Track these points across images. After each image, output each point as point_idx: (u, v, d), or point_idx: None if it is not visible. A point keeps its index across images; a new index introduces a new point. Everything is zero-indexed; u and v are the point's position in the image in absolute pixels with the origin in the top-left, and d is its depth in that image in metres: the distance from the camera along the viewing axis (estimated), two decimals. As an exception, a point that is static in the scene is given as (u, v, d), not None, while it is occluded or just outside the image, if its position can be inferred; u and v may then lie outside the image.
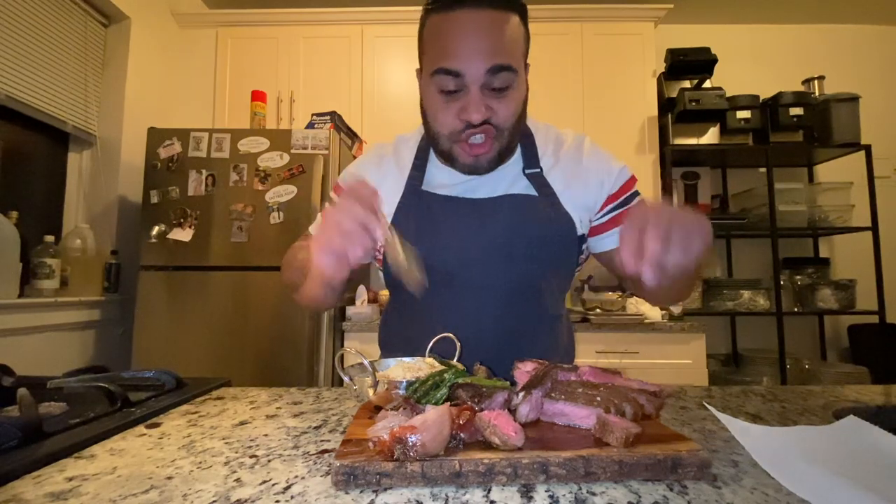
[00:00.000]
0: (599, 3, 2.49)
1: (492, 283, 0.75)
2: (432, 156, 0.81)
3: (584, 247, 0.83)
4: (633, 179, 0.83)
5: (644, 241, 0.47)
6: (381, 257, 0.85)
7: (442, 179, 0.80)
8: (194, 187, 1.90)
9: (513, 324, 0.77)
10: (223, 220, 1.88)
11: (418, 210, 0.79)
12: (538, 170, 0.79)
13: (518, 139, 0.77)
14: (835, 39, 2.91)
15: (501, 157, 0.74)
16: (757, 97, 2.49)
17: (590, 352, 2.05)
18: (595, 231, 0.82)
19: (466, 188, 0.78)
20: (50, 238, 1.76)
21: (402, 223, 0.80)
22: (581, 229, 0.80)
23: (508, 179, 0.79)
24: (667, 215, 0.48)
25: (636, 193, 0.82)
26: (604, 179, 0.79)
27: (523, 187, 0.79)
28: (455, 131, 0.70)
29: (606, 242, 0.81)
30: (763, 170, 2.54)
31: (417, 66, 0.76)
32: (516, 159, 0.80)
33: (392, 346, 0.86)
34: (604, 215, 0.80)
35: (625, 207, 0.79)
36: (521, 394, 0.48)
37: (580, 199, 0.79)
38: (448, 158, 0.75)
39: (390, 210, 0.81)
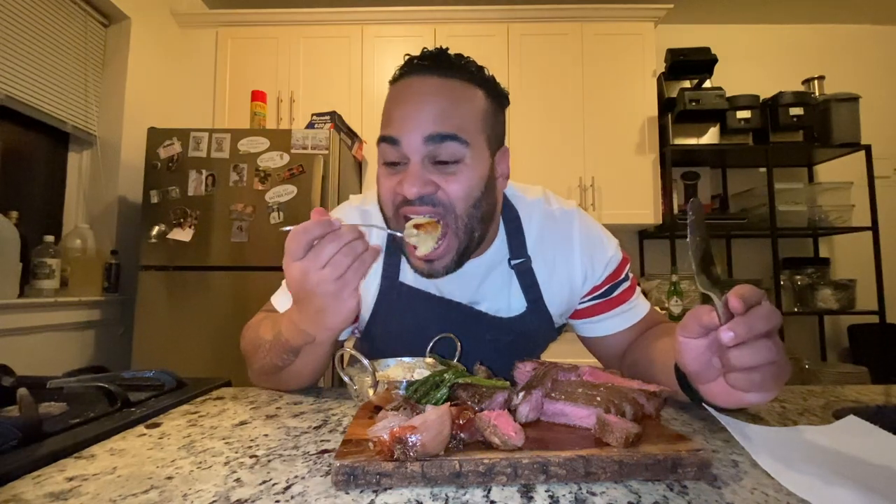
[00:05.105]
0: (599, 3, 2.49)
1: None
2: None
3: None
4: (623, 264, 0.76)
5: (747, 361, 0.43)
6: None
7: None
8: (194, 187, 1.90)
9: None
10: (223, 220, 1.88)
11: (399, 307, 0.72)
12: (525, 259, 0.72)
13: (486, 234, 0.66)
14: (835, 39, 2.91)
15: (462, 258, 0.64)
16: (757, 97, 2.49)
17: (590, 352, 2.04)
18: (578, 315, 0.78)
19: (446, 283, 0.70)
20: (50, 238, 1.76)
21: (384, 319, 0.73)
22: (559, 322, 0.78)
23: (485, 268, 0.71)
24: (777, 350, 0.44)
25: (625, 279, 0.76)
26: (588, 275, 0.73)
27: (503, 282, 0.72)
28: (393, 206, 0.61)
29: (588, 329, 0.78)
30: (763, 170, 2.54)
31: None
32: (501, 246, 0.72)
33: None
34: (587, 301, 0.76)
35: (609, 297, 0.75)
36: (521, 394, 0.47)
37: (560, 294, 0.74)
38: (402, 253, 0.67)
39: (369, 304, 0.74)
